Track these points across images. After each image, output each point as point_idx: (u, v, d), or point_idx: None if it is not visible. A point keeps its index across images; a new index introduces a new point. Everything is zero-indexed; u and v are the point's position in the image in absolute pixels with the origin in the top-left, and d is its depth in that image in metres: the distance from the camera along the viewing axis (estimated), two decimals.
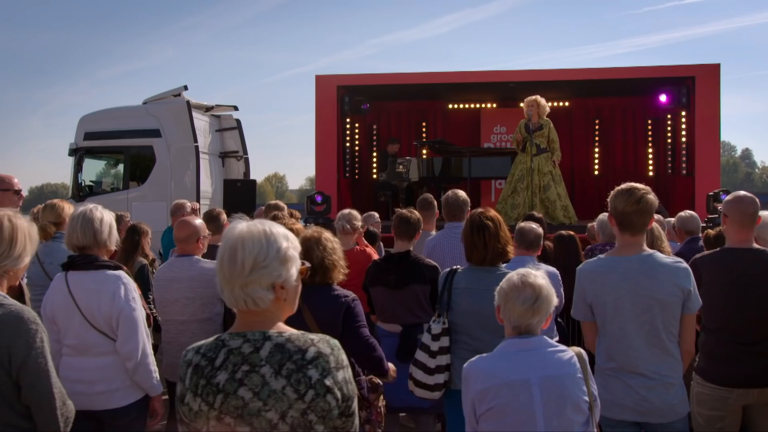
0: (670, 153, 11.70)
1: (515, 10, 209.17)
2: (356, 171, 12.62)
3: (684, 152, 11.01)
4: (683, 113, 10.94)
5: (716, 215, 8.68)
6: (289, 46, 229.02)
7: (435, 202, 5.80)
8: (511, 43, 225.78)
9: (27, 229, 2.39)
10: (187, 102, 11.55)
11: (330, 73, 11.55)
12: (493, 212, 3.60)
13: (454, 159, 10.80)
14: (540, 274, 2.49)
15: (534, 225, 4.62)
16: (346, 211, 5.48)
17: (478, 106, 12.93)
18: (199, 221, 4.22)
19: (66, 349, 3.26)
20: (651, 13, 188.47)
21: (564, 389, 2.39)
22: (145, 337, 3.29)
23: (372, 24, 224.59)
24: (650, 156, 12.33)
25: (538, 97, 9.29)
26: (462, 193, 5.26)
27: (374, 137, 13.03)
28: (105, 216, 3.31)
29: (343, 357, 1.87)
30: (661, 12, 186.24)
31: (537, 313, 2.42)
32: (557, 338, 4.40)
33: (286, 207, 5.92)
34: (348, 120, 12.04)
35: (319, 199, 9.95)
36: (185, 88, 11.76)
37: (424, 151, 12.44)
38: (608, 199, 3.21)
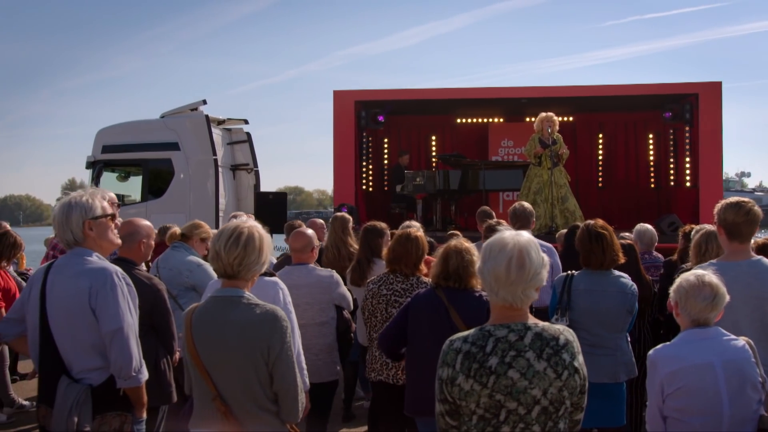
0: (672, 166, 12.25)
1: (482, 23, 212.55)
2: (370, 183, 12.94)
3: (687, 165, 11.58)
4: (687, 128, 11.51)
5: None
6: (256, 57, 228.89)
7: (493, 213, 6.16)
8: (478, 55, 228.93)
9: (267, 239, 2.69)
10: (206, 116, 11.77)
11: (344, 89, 11.82)
12: (602, 222, 3.99)
13: (471, 172, 11.19)
14: (712, 273, 2.84)
15: None
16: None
17: (485, 120, 13.35)
18: (311, 231, 4.49)
19: None
20: (614, 27, 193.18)
21: (743, 371, 2.76)
22: (299, 338, 3.56)
23: (340, 36, 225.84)
24: (652, 169, 12.88)
25: (553, 114, 9.69)
26: (528, 206, 5.63)
27: (386, 150, 13.37)
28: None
29: (578, 344, 2.21)
30: (625, 26, 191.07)
31: (715, 308, 2.78)
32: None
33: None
34: (364, 134, 12.36)
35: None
36: (204, 102, 11.97)
37: (434, 163, 12.84)
38: (715, 212, 3.58)
